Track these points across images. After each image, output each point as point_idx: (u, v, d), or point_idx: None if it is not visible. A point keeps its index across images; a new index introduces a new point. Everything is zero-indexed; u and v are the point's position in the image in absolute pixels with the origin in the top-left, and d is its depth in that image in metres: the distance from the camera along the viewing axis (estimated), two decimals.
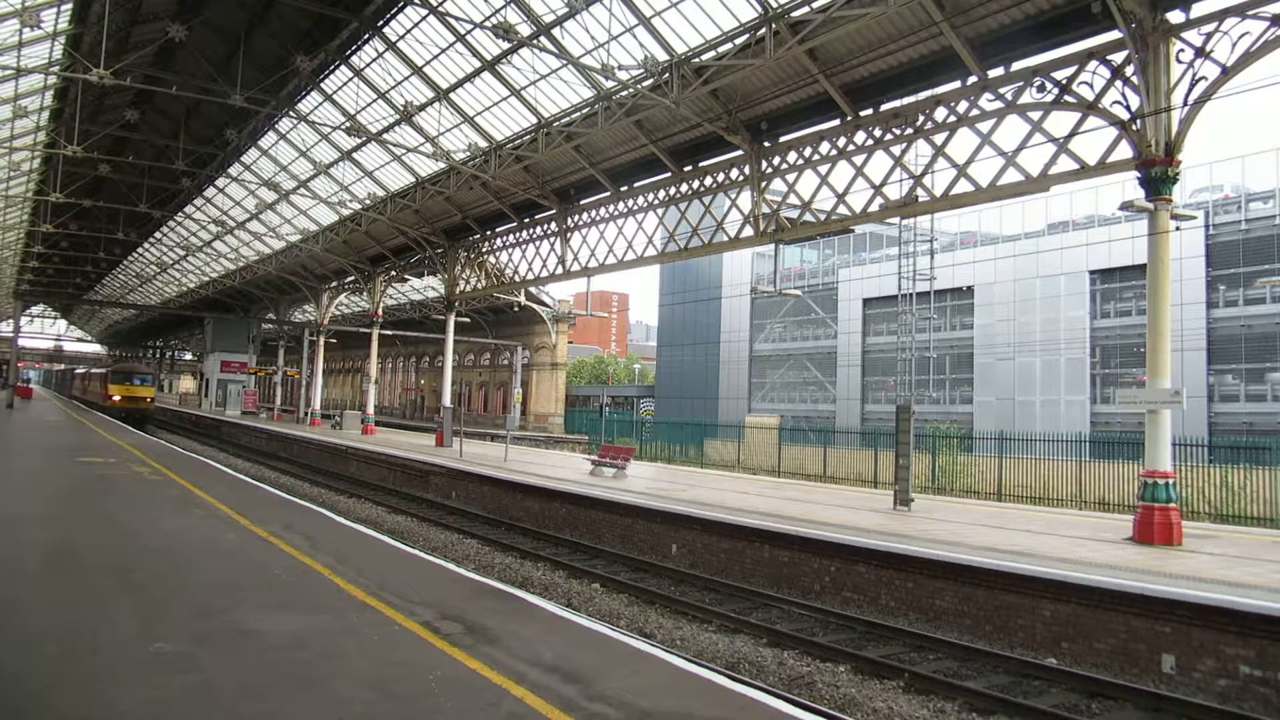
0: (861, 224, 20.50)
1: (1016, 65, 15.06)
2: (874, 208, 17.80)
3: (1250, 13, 11.91)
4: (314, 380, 46.37)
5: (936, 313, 42.84)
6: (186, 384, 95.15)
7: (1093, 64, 13.79)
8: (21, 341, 58.16)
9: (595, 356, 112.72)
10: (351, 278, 42.08)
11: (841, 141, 17.98)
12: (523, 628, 7.12)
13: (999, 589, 10.49)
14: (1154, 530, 12.43)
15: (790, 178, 19.23)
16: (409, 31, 21.61)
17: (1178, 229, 14.14)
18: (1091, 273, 38.00)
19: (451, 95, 23.35)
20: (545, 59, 19.83)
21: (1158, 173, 12.74)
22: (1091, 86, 13.79)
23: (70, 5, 19.63)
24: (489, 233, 31.06)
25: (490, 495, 20.90)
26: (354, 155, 29.36)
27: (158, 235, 48.26)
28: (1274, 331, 32.62)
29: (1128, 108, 13.25)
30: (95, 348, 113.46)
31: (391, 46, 22.48)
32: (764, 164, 19.60)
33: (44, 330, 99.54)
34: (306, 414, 45.67)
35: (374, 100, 25.13)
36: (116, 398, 48.69)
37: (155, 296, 67.62)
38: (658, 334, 69.36)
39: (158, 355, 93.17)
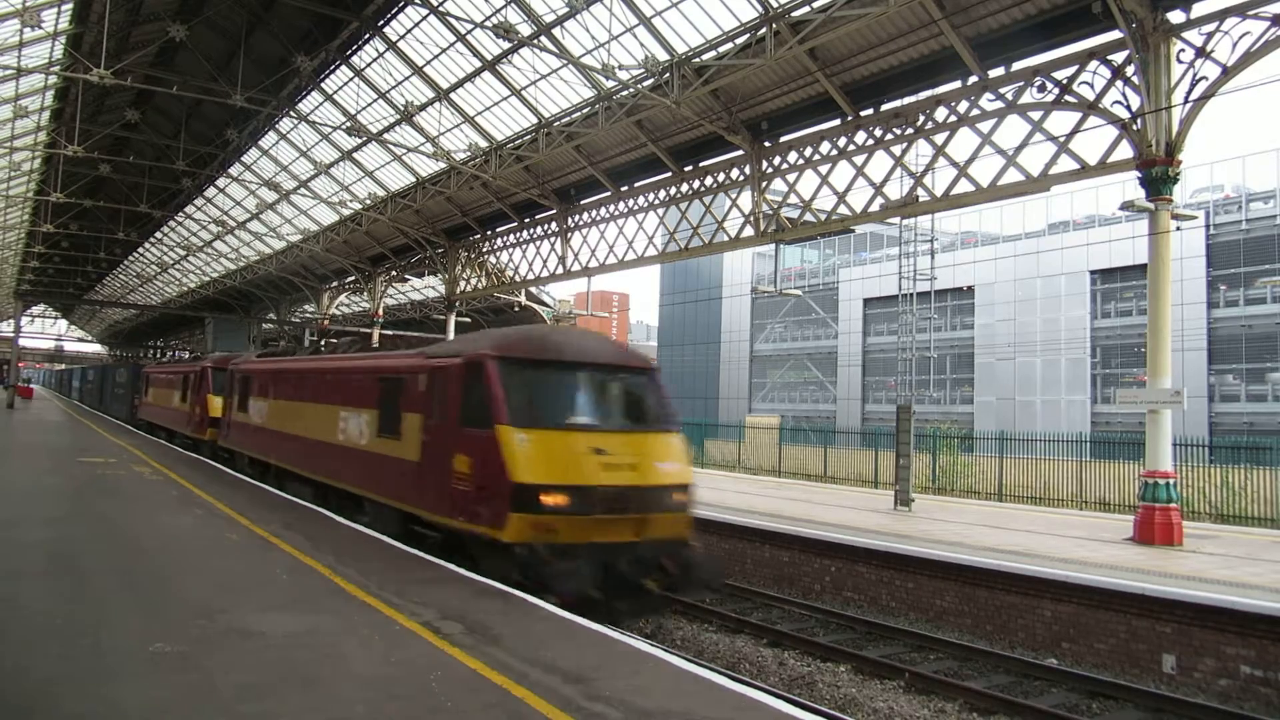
0: (862, 224, 20.54)
1: (1017, 65, 15.06)
2: (874, 208, 17.81)
3: (1251, 12, 11.93)
4: None
5: (937, 313, 42.83)
6: None
7: (1093, 64, 13.80)
8: (22, 341, 58.00)
9: None
10: (352, 278, 42.09)
11: (842, 141, 17.97)
12: (523, 628, 7.11)
13: (1000, 589, 10.48)
14: (1155, 530, 12.43)
15: (790, 178, 19.23)
16: (409, 31, 21.63)
17: (1178, 229, 14.18)
18: (1092, 273, 38.01)
19: (452, 95, 23.35)
20: (545, 59, 19.83)
21: (1158, 172, 12.75)
22: (1092, 86, 13.80)
23: (71, 5, 19.63)
24: (489, 233, 31.06)
25: None
26: (354, 155, 29.36)
27: (158, 235, 48.27)
28: (1275, 331, 32.61)
29: (1128, 107, 13.25)
30: (96, 348, 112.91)
31: (392, 46, 22.48)
32: (764, 164, 19.59)
33: (44, 330, 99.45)
34: None
35: (374, 100, 25.14)
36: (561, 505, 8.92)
37: (156, 296, 67.61)
38: (658, 334, 69.31)
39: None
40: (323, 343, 25.47)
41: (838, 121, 18.03)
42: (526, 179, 25.79)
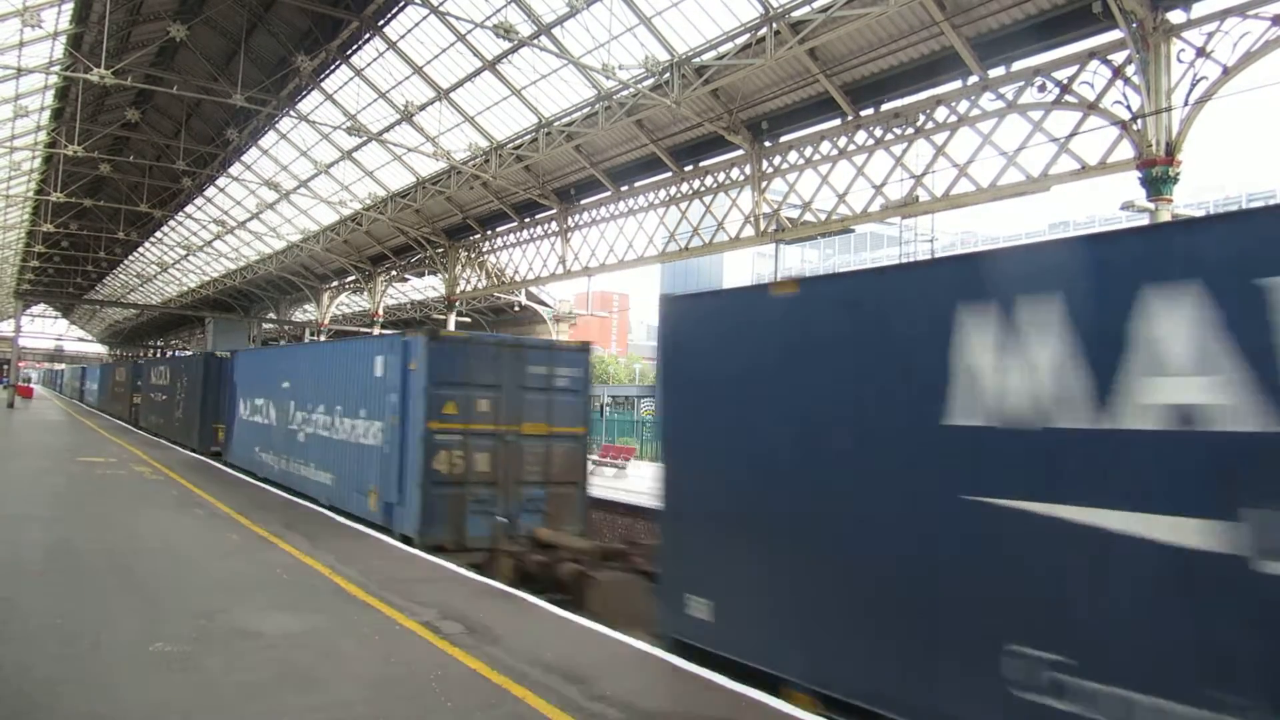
0: (862, 224, 20.52)
1: (1017, 65, 15.05)
2: (874, 208, 17.81)
3: (1251, 13, 11.92)
4: None
5: None
6: None
7: (1093, 64, 13.80)
8: (22, 341, 57.96)
9: (596, 356, 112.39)
10: (352, 277, 42.10)
11: (842, 141, 17.98)
12: (524, 627, 7.11)
13: None
14: None
15: (791, 177, 19.23)
16: (409, 31, 21.64)
17: None
18: None
19: (452, 95, 23.35)
20: (546, 59, 19.83)
21: (1158, 173, 12.75)
22: (1092, 86, 13.80)
23: (71, 5, 19.62)
24: (489, 232, 31.06)
25: None
26: (354, 155, 29.36)
27: (158, 235, 48.27)
28: None
29: (1128, 107, 13.25)
30: (97, 348, 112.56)
31: (392, 46, 22.49)
32: (764, 164, 19.60)
33: (45, 330, 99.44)
34: None
35: (374, 100, 25.13)
36: None
37: (156, 296, 67.60)
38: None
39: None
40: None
41: (838, 121, 18.02)
42: (526, 179, 25.78)
